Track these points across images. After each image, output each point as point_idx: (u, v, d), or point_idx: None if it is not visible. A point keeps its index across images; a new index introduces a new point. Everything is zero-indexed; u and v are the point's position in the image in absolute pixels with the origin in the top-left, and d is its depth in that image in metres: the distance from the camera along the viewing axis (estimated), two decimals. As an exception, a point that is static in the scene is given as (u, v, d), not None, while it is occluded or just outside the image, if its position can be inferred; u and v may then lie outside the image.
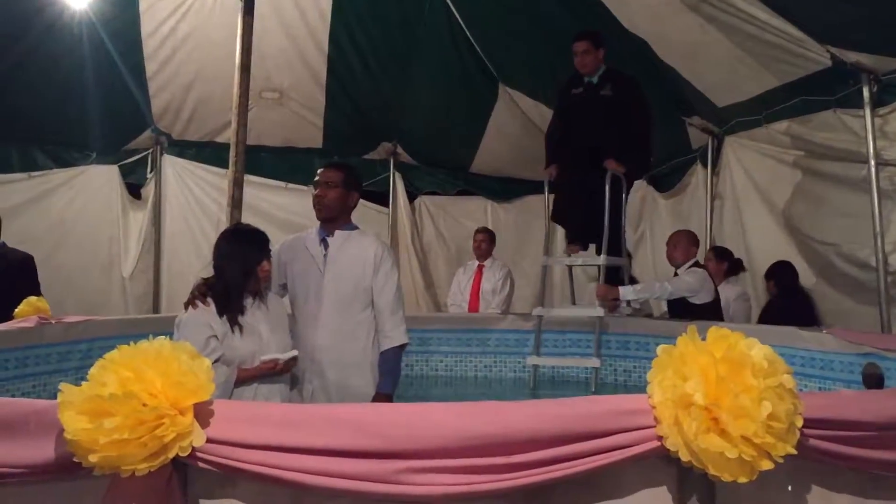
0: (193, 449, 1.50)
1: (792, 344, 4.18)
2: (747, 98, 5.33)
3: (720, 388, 1.52)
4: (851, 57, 4.39)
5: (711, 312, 4.69)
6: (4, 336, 3.76)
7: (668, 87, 5.76)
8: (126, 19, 5.93)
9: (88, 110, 6.44)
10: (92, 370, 1.50)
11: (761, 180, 5.46)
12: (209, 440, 1.51)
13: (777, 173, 5.28)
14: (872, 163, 4.39)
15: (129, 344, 1.57)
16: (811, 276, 4.87)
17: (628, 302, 4.96)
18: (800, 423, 1.56)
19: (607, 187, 4.72)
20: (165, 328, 2.89)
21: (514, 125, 7.13)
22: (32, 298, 4.08)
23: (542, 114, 6.94)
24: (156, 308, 6.95)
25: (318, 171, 3.46)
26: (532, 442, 1.55)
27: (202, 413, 1.53)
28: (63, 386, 1.48)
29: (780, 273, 5.09)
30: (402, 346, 3.46)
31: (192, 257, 6.74)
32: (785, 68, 4.81)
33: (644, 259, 6.98)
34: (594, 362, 4.58)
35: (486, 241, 6.24)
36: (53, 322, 4.03)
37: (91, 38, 5.85)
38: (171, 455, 1.46)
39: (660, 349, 1.65)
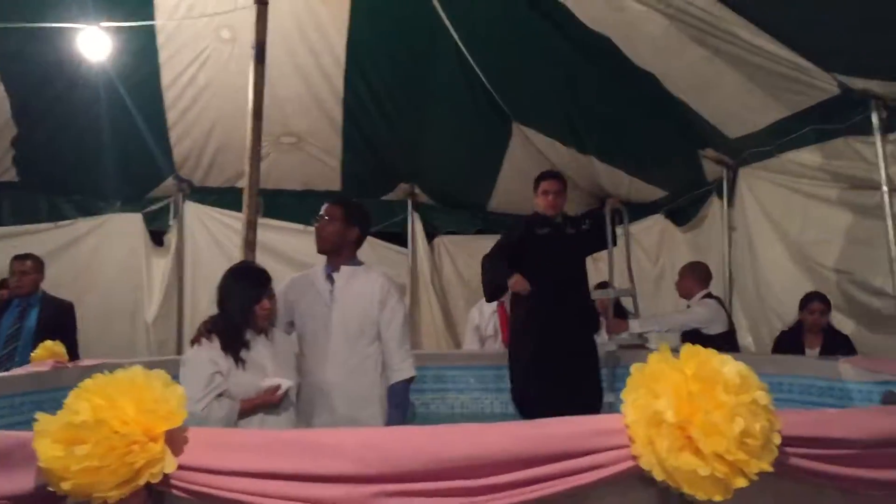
0: (167, 476, 1.51)
1: (809, 373, 4.12)
2: (759, 129, 5.31)
3: (692, 406, 1.50)
4: (859, 84, 4.38)
5: (726, 342, 4.64)
6: (21, 380, 3.83)
7: (680, 121, 5.76)
8: (146, 71, 6.11)
9: (111, 160, 6.62)
10: (67, 399, 1.53)
11: (774, 210, 5.41)
12: (183, 467, 1.53)
13: (790, 203, 5.23)
14: (885, 189, 4.34)
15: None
16: (822, 305, 4.80)
17: (639, 334, 4.92)
18: (777, 440, 1.54)
19: (607, 219, 4.71)
20: (178, 369, 2.96)
21: (530, 163, 7.15)
22: (49, 343, 4.17)
23: (556, 151, 7.00)
24: (179, 352, 7.02)
25: (323, 207, 3.55)
26: (507, 463, 1.54)
27: (175, 440, 1.55)
28: (39, 415, 1.51)
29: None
30: (410, 380, 3.49)
31: (213, 302, 6.80)
32: (794, 98, 4.79)
33: (666, 293, 6.92)
34: (609, 397, 4.53)
35: None
36: (70, 366, 4.10)
37: (110, 89, 6.02)
38: (141, 482, 1.48)
39: (633, 368, 1.64)
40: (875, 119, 4.37)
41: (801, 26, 4.16)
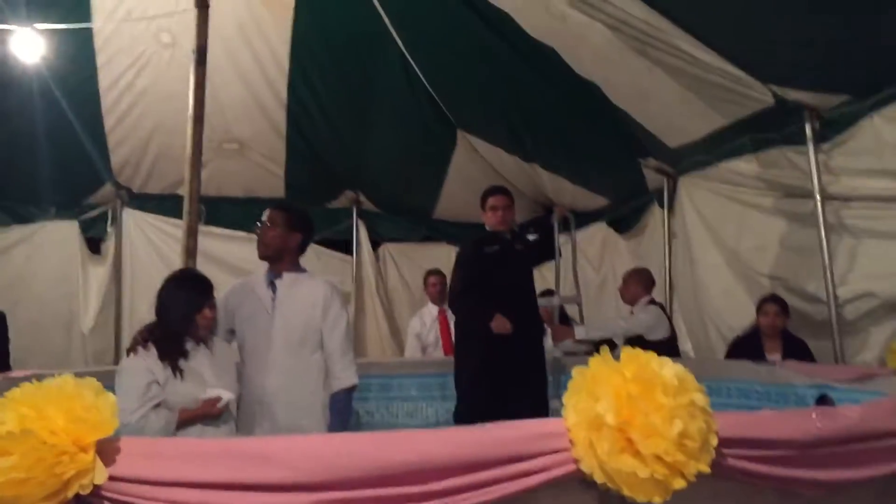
0: (98, 487, 1.46)
1: (747, 378, 4.22)
2: (698, 138, 5.41)
3: (631, 408, 1.52)
4: (793, 95, 4.50)
5: (668, 349, 4.71)
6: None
7: (622, 130, 5.85)
8: (83, 75, 5.96)
9: (46, 166, 6.41)
10: (-8, 409, 1.47)
11: (712, 218, 5.52)
12: (114, 477, 1.48)
13: (727, 211, 5.35)
14: (818, 197, 4.47)
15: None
16: (754, 310, 4.89)
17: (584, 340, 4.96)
18: (715, 441, 1.56)
19: (555, 228, 4.75)
20: (112, 380, 2.88)
21: (475, 170, 7.19)
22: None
23: (500, 158, 7.05)
24: (117, 363, 6.83)
25: (264, 213, 3.51)
26: (447, 469, 1.53)
27: (107, 450, 1.50)
28: (-37, 426, 1.45)
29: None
30: (353, 388, 3.46)
31: (153, 311, 6.66)
32: (731, 108, 4.90)
33: (608, 300, 7.01)
34: (555, 403, 4.55)
35: (441, 283, 6.19)
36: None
37: (46, 93, 5.85)
38: (70, 494, 1.43)
39: (574, 371, 1.65)
40: (808, 129, 4.50)
41: (738, 39, 4.27)
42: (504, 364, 4.29)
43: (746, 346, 4.73)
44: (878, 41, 3.75)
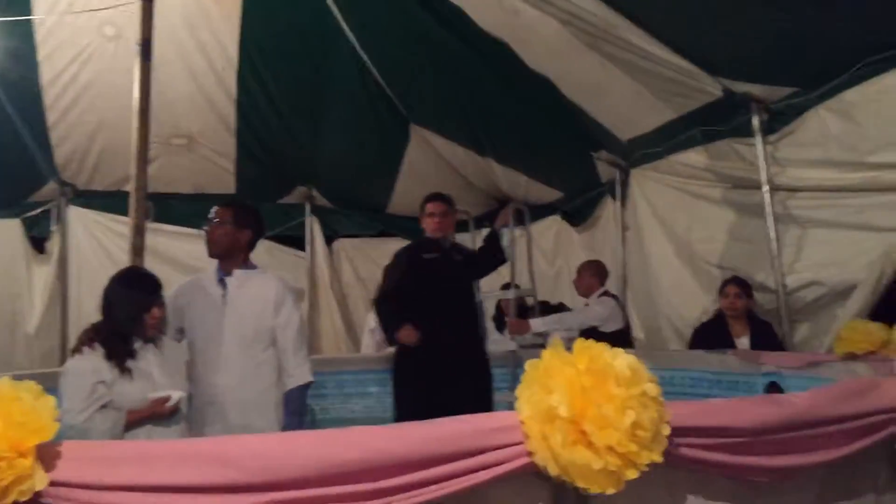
0: (38, 493, 1.41)
1: (698, 367, 4.28)
2: (649, 131, 5.47)
3: (585, 400, 1.51)
4: (741, 87, 4.57)
5: (621, 340, 4.76)
6: None
7: (574, 123, 5.88)
8: (23, 69, 5.77)
9: (-14, 163, 6.23)
10: (-77, 414, 1.41)
11: (663, 210, 5.59)
12: (56, 483, 1.43)
13: (677, 202, 5.42)
14: (766, 188, 4.55)
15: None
16: (707, 301, 4.97)
17: (540, 334, 4.99)
18: (667, 431, 1.56)
19: (503, 237, 4.75)
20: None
21: (428, 164, 7.17)
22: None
23: (454, 152, 7.03)
24: (63, 364, 6.67)
25: (212, 210, 3.45)
26: (398, 466, 1.51)
27: (48, 455, 1.44)
28: None
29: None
30: (307, 385, 3.42)
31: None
32: (681, 101, 4.96)
33: (562, 293, 7.05)
34: (510, 396, 4.55)
35: None
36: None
37: (-16, 86, 5.68)
38: (9, 501, 1.37)
39: (527, 364, 1.64)
40: (755, 121, 4.58)
41: (688, 32, 4.32)
42: (433, 373, 4.24)
43: (711, 332, 4.68)
44: (824, 33, 3.82)
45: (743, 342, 4.52)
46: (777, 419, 1.83)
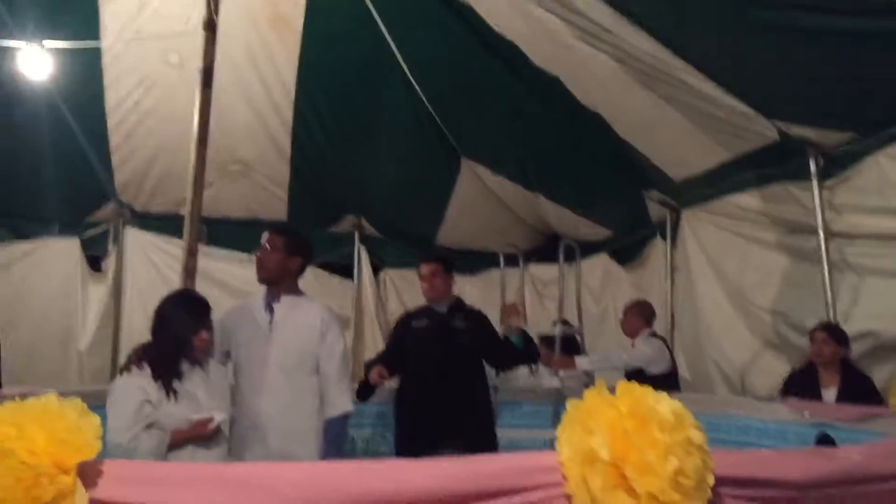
0: (78, 511, 1.43)
1: (747, 414, 4.16)
2: (702, 172, 5.42)
3: (627, 443, 1.48)
4: (797, 131, 4.50)
5: (668, 382, 4.66)
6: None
7: (626, 161, 5.85)
8: (90, 92, 5.98)
9: (50, 182, 6.43)
10: (-27, 426, 1.44)
11: (714, 252, 5.51)
12: (96, 501, 1.44)
13: (729, 245, 5.34)
14: (821, 234, 4.46)
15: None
16: (758, 345, 4.86)
17: (586, 372, 4.92)
18: (711, 480, 1.52)
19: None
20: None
21: (478, 198, 7.19)
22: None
23: (504, 187, 7.05)
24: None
25: (263, 235, 3.49)
26: (434, 501, 1.49)
27: (89, 473, 1.46)
28: (-59, 443, 1.42)
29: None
30: (348, 415, 3.41)
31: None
32: (736, 142, 4.91)
33: (609, 332, 6.97)
34: (551, 433, 4.48)
35: None
36: (-8, 393, 3.92)
37: (52, 109, 5.88)
38: (50, 516, 1.39)
39: (569, 404, 1.62)
40: (812, 166, 4.50)
41: (744, 74, 4.28)
42: (416, 437, 4.08)
43: (800, 380, 4.34)
44: (884, 79, 3.75)
45: (830, 393, 4.15)
46: (828, 473, 1.76)
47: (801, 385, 4.30)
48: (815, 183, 4.50)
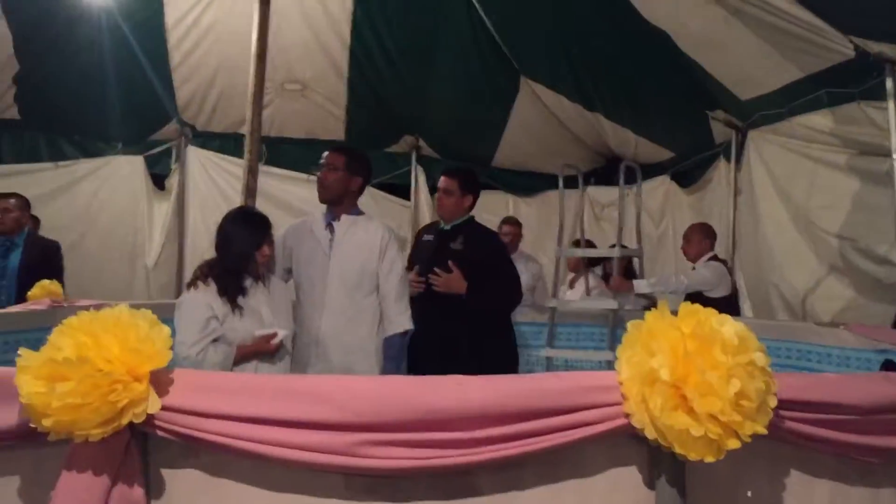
0: (151, 417, 1.49)
1: (808, 340, 4.10)
2: (771, 91, 5.21)
3: (688, 365, 1.47)
4: (875, 48, 4.27)
5: (728, 306, 4.60)
6: (17, 318, 3.80)
7: (690, 81, 5.66)
8: (149, 10, 6.00)
9: (114, 101, 6.56)
10: (51, 335, 1.50)
11: (781, 175, 5.34)
12: (167, 408, 1.50)
13: (797, 167, 5.16)
14: (895, 156, 4.27)
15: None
16: (822, 271, 4.74)
17: (645, 295, 4.88)
18: (773, 403, 1.50)
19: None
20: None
21: (536, 118, 7.07)
22: (45, 282, 4.13)
23: (563, 107, 6.91)
24: (179, 297, 7.02)
25: (324, 155, 3.50)
26: (494, 417, 1.52)
27: (160, 381, 1.52)
28: (22, 351, 1.48)
29: None
30: (406, 332, 3.45)
31: (213, 247, 6.80)
32: (808, 60, 4.68)
33: (667, 255, 6.89)
34: (608, 355, 4.50)
35: (515, 234, 5.97)
36: (66, 305, 4.07)
37: (114, 29, 5.94)
38: (124, 421, 1.45)
39: (630, 325, 1.61)
40: (889, 84, 4.27)
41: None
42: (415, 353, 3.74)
43: None
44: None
45: None
46: (892, 398, 1.74)
47: None
48: (891, 103, 4.27)
